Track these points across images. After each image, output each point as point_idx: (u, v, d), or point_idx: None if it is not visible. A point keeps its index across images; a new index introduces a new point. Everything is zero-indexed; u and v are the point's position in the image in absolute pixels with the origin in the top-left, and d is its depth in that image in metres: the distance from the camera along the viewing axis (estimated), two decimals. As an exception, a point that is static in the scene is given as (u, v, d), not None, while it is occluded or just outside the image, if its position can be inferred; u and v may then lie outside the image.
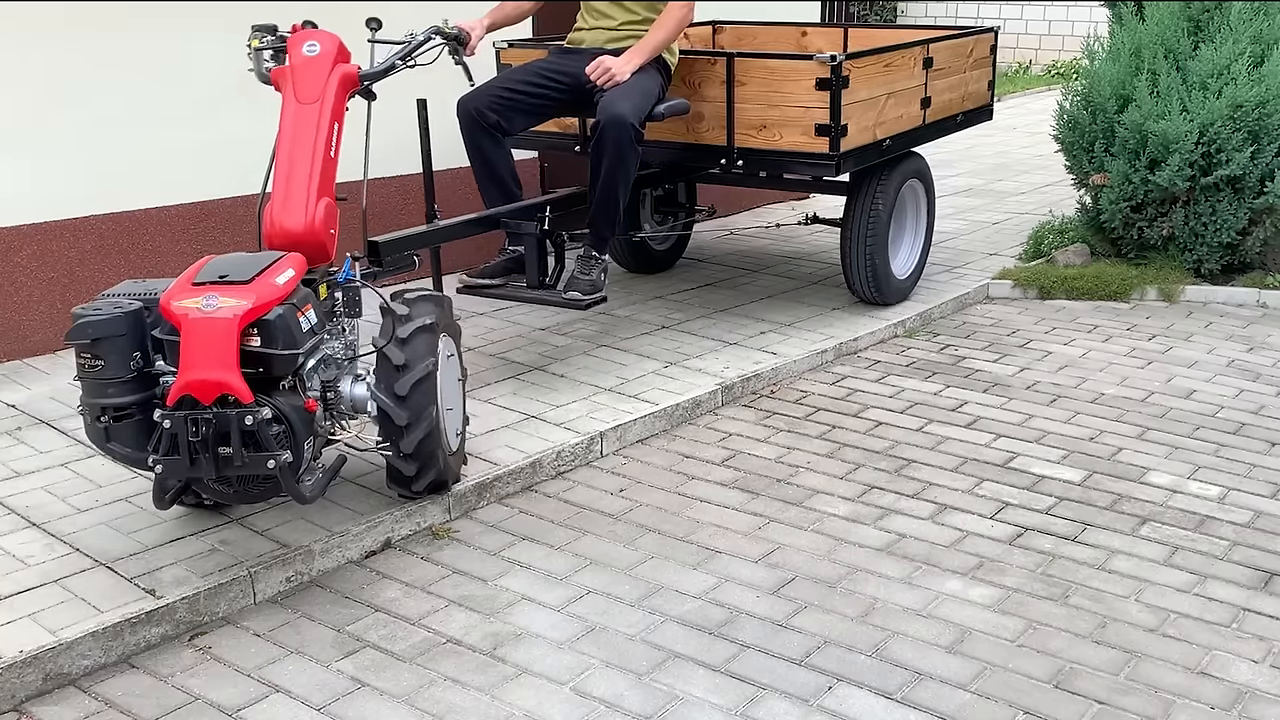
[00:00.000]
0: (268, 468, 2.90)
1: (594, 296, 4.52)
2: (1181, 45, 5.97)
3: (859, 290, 5.43)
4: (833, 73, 4.66)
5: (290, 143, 3.37)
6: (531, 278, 4.58)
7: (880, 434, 4.26)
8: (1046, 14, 14.28)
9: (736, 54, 4.87)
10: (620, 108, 4.33)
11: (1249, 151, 5.62)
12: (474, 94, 4.56)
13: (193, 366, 2.83)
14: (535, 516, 3.65)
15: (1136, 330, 5.42)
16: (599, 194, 4.47)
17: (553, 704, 2.75)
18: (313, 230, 3.27)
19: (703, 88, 4.92)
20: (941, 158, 9.24)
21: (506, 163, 4.66)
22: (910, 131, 5.34)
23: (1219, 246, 5.84)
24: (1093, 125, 6.11)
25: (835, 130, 4.71)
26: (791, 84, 4.74)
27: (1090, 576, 3.31)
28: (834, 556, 3.42)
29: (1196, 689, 2.81)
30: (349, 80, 3.47)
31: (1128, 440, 4.21)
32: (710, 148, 4.99)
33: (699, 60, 4.93)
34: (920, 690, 2.80)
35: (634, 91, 4.46)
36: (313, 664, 2.89)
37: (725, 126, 4.90)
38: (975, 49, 5.89)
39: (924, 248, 5.79)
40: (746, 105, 4.85)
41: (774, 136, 4.82)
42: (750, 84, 4.81)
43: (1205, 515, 3.66)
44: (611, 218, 4.54)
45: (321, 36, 3.48)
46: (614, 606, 3.16)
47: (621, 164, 4.39)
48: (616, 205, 4.50)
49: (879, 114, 5.03)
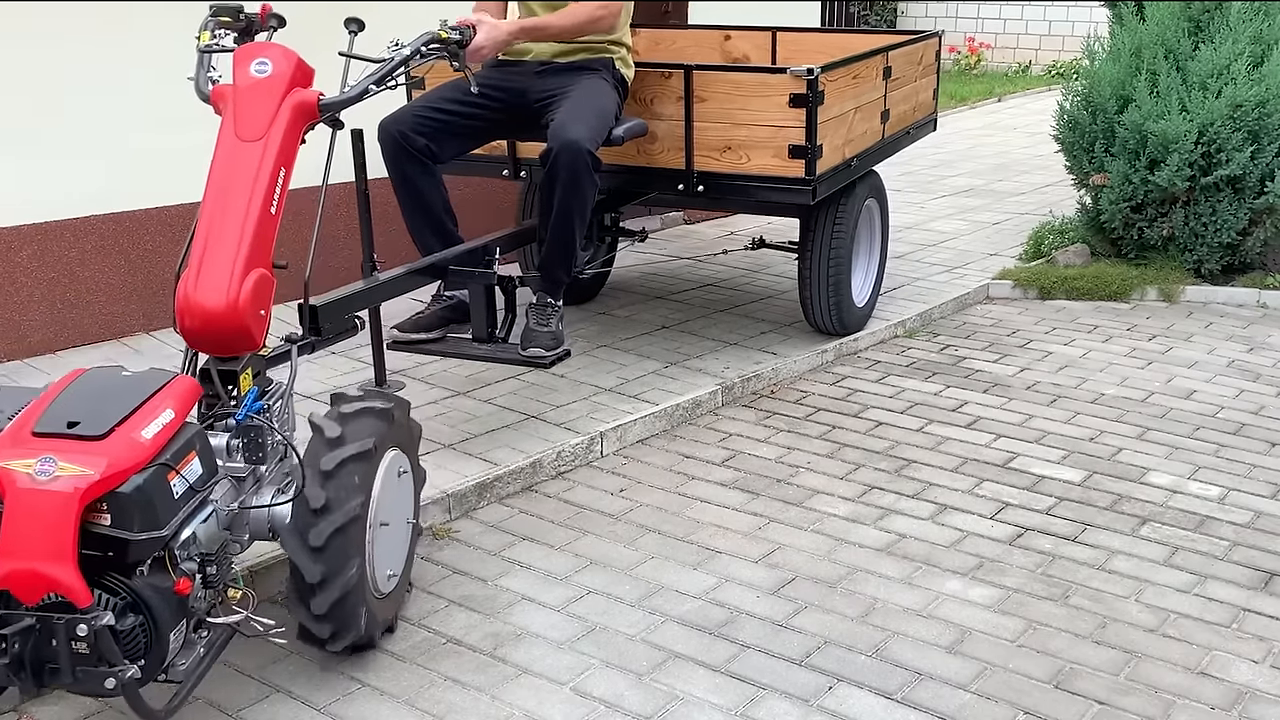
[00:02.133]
0: (105, 688, 2.24)
1: (558, 352, 3.97)
2: (1181, 45, 5.97)
3: (820, 322, 4.99)
4: (809, 88, 4.20)
5: (219, 193, 2.66)
6: (479, 330, 4.00)
7: (880, 434, 4.26)
8: (1046, 14, 14.27)
9: (695, 67, 4.38)
10: (574, 131, 3.79)
11: (1249, 151, 5.62)
12: (398, 116, 4.00)
13: (13, 553, 2.16)
14: (535, 516, 3.65)
15: (1136, 330, 5.42)
16: (553, 231, 3.93)
17: (553, 704, 2.75)
18: (235, 312, 2.58)
19: (656, 104, 4.42)
20: (941, 158, 9.25)
21: (439, 195, 4.07)
22: (873, 148, 4.96)
23: (1219, 246, 5.84)
24: (1093, 125, 6.11)
25: (812, 152, 4.25)
26: (760, 100, 4.27)
27: (1090, 577, 3.31)
28: (834, 556, 3.42)
29: (1196, 689, 2.81)
30: (304, 112, 2.78)
31: (1128, 440, 4.21)
32: (666, 172, 4.47)
33: (651, 74, 4.43)
34: (920, 690, 2.80)
35: (588, 111, 3.94)
36: (313, 664, 2.89)
37: (684, 148, 4.40)
38: (924, 55, 5.57)
39: (879, 271, 5.40)
40: (708, 124, 4.37)
41: (740, 159, 4.35)
42: (712, 100, 4.34)
43: (1205, 515, 3.66)
44: (568, 258, 3.99)
45: (275, 53, 2.79)
46: (614, 606, 3.16)
47: (578, 196, 3.84)
48: (572, 243, 3.96)
49: (848, 131, 4.63)
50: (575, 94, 4.00)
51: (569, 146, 3.77)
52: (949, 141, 9.98)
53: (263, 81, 2.75)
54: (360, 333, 3.47)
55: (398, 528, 2.93)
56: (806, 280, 4.88)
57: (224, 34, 3.02)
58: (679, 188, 4.48)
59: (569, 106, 3.93)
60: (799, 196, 4.34)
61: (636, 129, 4.32)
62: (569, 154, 3.77)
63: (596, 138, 3.89)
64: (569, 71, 4.15)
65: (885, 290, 5.75)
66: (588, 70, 4.16)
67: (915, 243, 6.69)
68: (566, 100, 3.97)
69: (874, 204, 5.21)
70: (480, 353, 3.99)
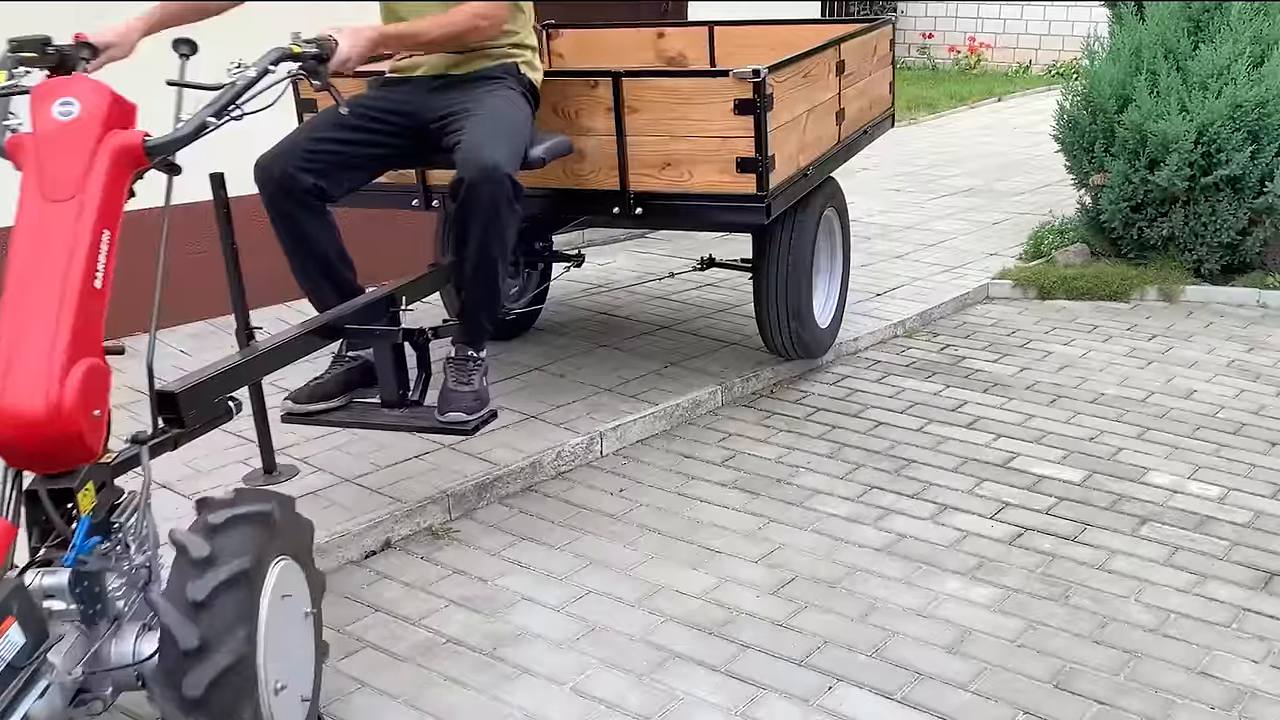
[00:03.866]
0: None
1: (482, 414, 3.41)
2: (1181, 45, 5.97)
3: (780, 347, 4.57)
4: (756, 92, 3.69)
5: (26, 269, 2.13)
6: (388, 393, 3.40)
7: (880, 434, 4.26)
8: (1046, 14, 14.27)
9: (625, 73, 3.85)
10: (488, 154, 3.24)
11: (1249, 151, 5.62)
12: (279, 151, 3.41)
13: None
14: (535, 516, 3.66)
15: (1136, 330, 5.42)
16: (472, 272, 3.37)
17: (553, 704, 2.75)
18: (61, 417, 2.06)
19: (582, 117, 3.89)
20: (941, 157, 9.25)
21: (332, 240, 3.51)
22: (829, 153, 4.50)
23: (1219, 246, 5.84)
24: (1093, 125, 6.11)
25: (763, 164, 3.76)
26: (701, 108, 3.77)
27: (1090, 576, 3.31)
28: (834, 556, 3.42)
29: (1196, 689, 2.81)
30: (127, 158, 2.25)
31: (1128, 440, 4.21)
32: (598, 194, 3.95)
33: (574, 83, 3.89)
34: (920, 690, 2.80)
35: (498, 129, 3.38)
36: (313, 664, 2.89)
37: (617, 166, 3.88)
38: (879, 46, 5.11)
39: (843, 287, 4.96)
40: (643, 138, 3.85)
41: (682, 176, 3.86)
42: (645, 110, 3.82)
43: (1205, 515, 3.66)
44: (491, 303, 3.46)
45: (82, 89, 2.25)
46: (614, 606, 3.16)
47: (497, 231, 3.30)
48: (495, 286, 3.42)
49: (801, 137, 4.14)
50: (481, 110, 3.45)
51: (482, 173, 3.22)
52: (949, 141, 9.98)
53: (69, 125, 2.21)
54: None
55: (297, 656, 2.41)
56: (763, 302, 4.44)
57: (26, 73, 2.48)
58: (614, 211, 3.95)
59: (476, 125, 3.38)
60: (751, 215, 3.88)
61: (559, 147, 3.79)
62: (483, 182, 3.22)
63: (513, 159, 3.36)
64: (468, 84, 3.59)
65: (885, 290, 5.75)
66: (490, 80, 3.60)
67: (915, 243, 6.69)
68: (471, 118, 3.42)
69: (833, 214, 4.78)
70: (391, 421, 3.42)
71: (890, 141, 9.81)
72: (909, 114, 11.21)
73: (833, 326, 4.84)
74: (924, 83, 13.13)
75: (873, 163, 8.93)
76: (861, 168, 8.64)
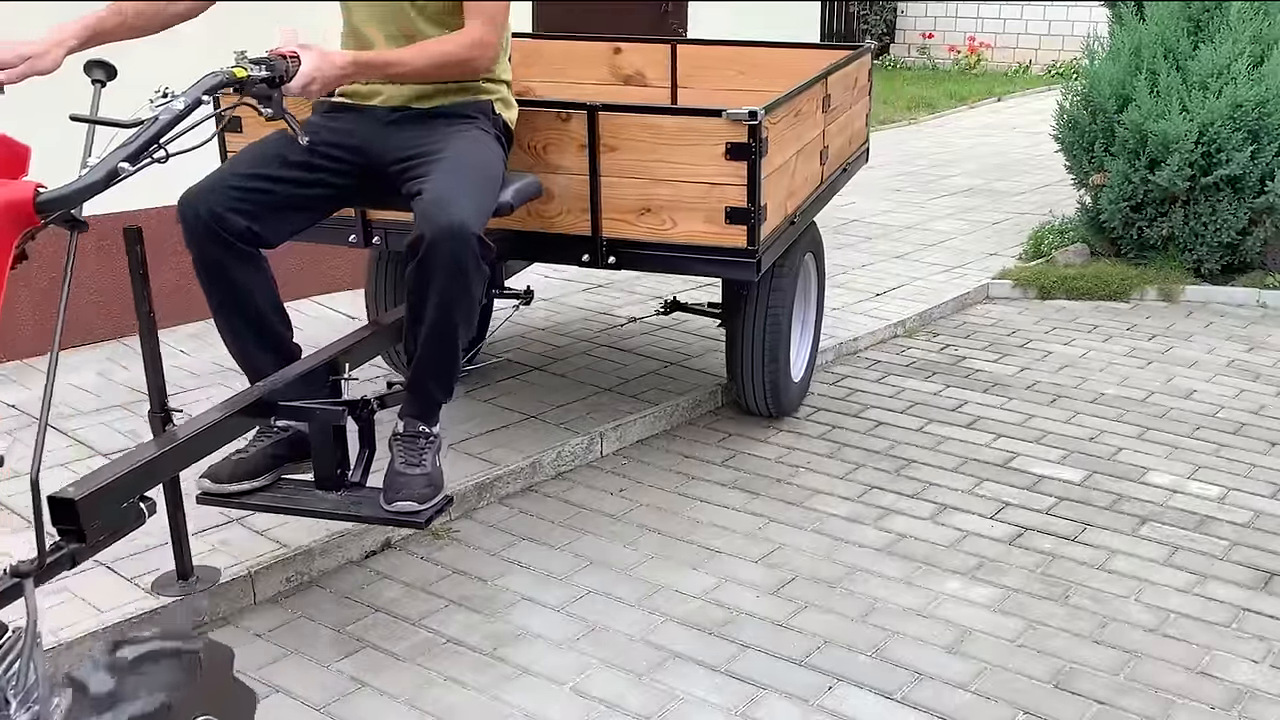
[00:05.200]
0: None
1: (435, 503, 2.89)
2: (1181, 45, 5.97)
3: (754, 404, 4.22)
4: (751, 136, 3.33)
5: None
6: (324, 473, 2.91)
7: (880, 434, 4.26)
8: (1046, 14, 14.27)
9: (602, 107, 3.45)
10: (455, 210, 2.75)
11: (1249, 151, 5.62)
12: (207, 188, 2.90)
13: None
14: (535, 516, 3.66)
15: (1136, 330, 5.42)
16: (427, 341, 2.87)
17: (553, 704, 2.75)
18: None
19: (550, 153, 3.49)
20: (942, 158, 9.25)
21: (267, 294, 3.01)
22: (814, 196, 4.14)
23: (1219, 246, 5.85)
24: (1093, 125, 6.11)
25: (755, 215, 3.39)
26: (688, 150, 3.39)
27: (1090, 576, 3.31)
28: (834, 556, 3.42)
29: (1196, 689, 2.81)
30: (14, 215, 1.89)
31: (1128, 440, 4.21)
32: (566, 239, 3.56)
33: (542, 114, 3.48)
34: (920, 690, 2.80)
35: (467, 179, 2.90)
36: (313, 664, 2.89)
37: (589, 209, 3.51)
38: (859, 77, 4.76)
39: (814, 338, 4.56)
40: (619, 180, 3.46)
41: (663, 224, 3.47)
42: (625, 150, 3.44)
43: (1205, 515, 3.66)
44: (448, 373, 2.95)
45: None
46: (614, 606, 3.16)
47: (461, 296, 2.80)
48: (453, 356, 2.91)
49: (791, 181, 3.80)
50: (447, 155, 2.97)
51: (448, 232, 2.72)
52: (949, 141, 9.98)
53: None
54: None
55: None
56: (738, 361, 4.08)
57: None
58: (584, 259, 3.57)
59: (441, 174, 2.89)
60: (739, 271, 3.50)
61: (529, 190, 3.39)
62: (449, 242, 2.73)
63: (482, 215, 2.88)
64: (434, 121, 3.08)
65: (885, 290, 5.76)
66: (460, 119, 3.11)
67: (915, 243, 6.69)
68: (437, 164, 2.93)
69: (811, 259, 4.41)
70: (327, 507, 2.90)
71: (890, 141, 9.83)
72: (909, 114, 11.22)
73: (804, 381, 4.48)
74: (924, 83, 13.13)
75: (873, 163, 8.92)
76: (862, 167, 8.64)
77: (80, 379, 4.39)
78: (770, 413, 4.26)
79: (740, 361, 4.07)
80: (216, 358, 4.54)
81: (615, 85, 5.03)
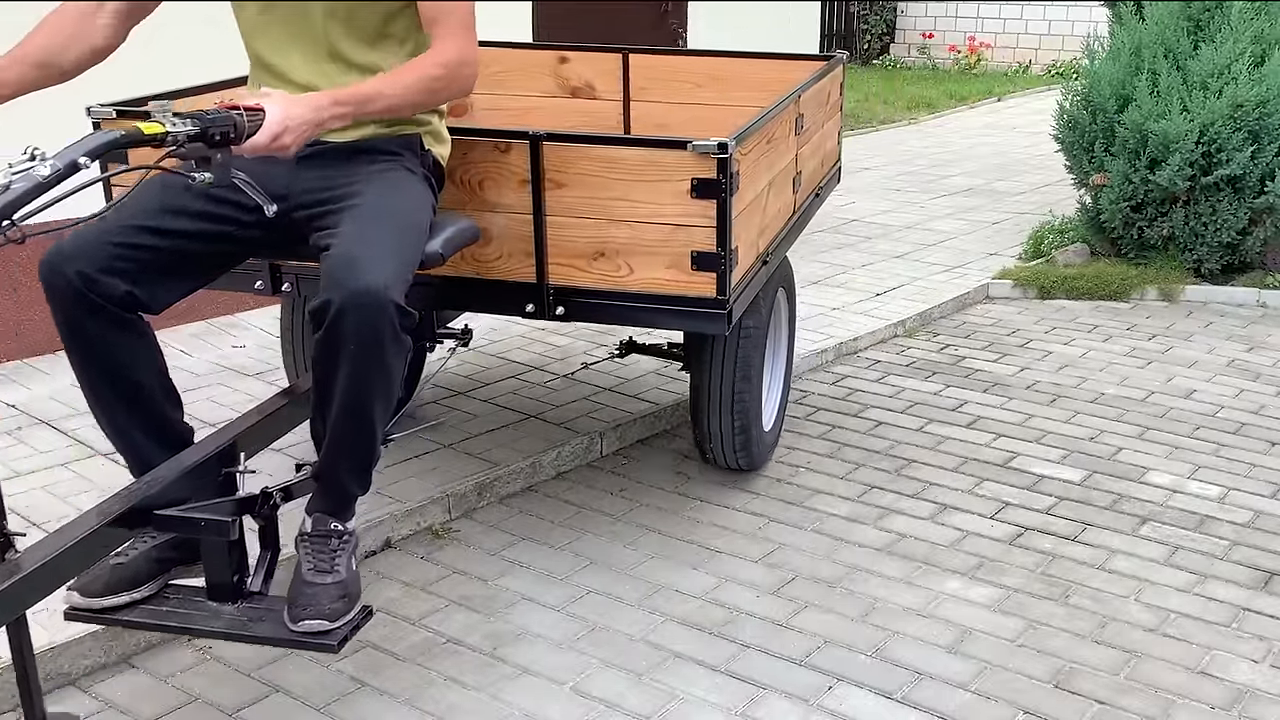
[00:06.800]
0: None
1: (350, 619, 2.44)
2: (1181, 45, 5.97)
3: (722, 459, 3.74)
4: (720, 171, 2.87)
5: None
6: (218, 582, 2.45)
7: (880, 434, 4.26)
8: (1046, 14, 14.28)
9: (547, 136, 2.97)
10: (368, 273, 2.31)
11: (1249, 151, 5.62)
12: (76, 247, 2.41)
13: None
14: (535, 516, 3.66)
15: (1136, 330, 5.43)
16: (338, 422, 2.43)
17: (553, 704, 2.75)
18: None
19: (487, 190, 3.04)
20: (942, 157, 9.25)
21: (151, 370, 2.53)
22: (786, 229, 3.69)
23: (1219, 246, 5.85)
24: (1093, 125, 6.11)
25: (724, 261, 2.94)
26: (647, 187, 2.93)
27: (1090, 576, 3.31)
28: (834, 556, 3.42)
29: (1196, 689, 2.81)
30: None
31: (1128, 440, 4.21)
32: (505, 286, 3.10)
33: (478, 144, 3.01)
34: (920, 690, 2.80)
35: (386, 233, 2.44)
36: (313, 664, 2.89)
37: (533, 253, 3.05)
38: (831, 92, 4.29)
39: (785, 380, 4.08)
40: (568, 220, 3.02)
41: (618, 270, 3.03)
42: (573, 185, 2.99)
43: (1205, 515, 3.66)
44: (363, 461, 2.52)
45: None
46: (614, 606, 3.16)
47: (376, 367, 2.37)
48: (370, 439, 2.48)
49: (763, 217, 3.36)
50: (363, 201, 2.51)
51: (360, 299, 2.29)
52: (949, 140, 9.98)
53: None
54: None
55: None
56: (703, 410, 3.60)
57: None
58: (528, 309, 3.11)
59: (354, 226, 2.44)
60: (708, 324, 3.04)
61: (463, 236, 2.90)
62: (360, 310, 2.29)
63: (402, 278, 2.41)
64: (351, 159, 2.63)
65: (885, 290, 5.75)
66: (382, 156, 2.66)
67: (915, 242, 6.69)
68: (350, 214, 2.48)
69: (783, 296, 3.96)
70: (219, 626, 2.43)
71: (890, 141, 9.84)
72: (909, 114, 11.22)
73: (775, 430, 3.99)
74: (924, 83, 13.14)
75: (873, 163, 8.93)
76: (862, 168, 8.65)
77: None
78: (739, 467, 3.80)
79: (706, 412, 3.60)
80: (217, 358, 4.54)
81: (562, 98, 4.57)
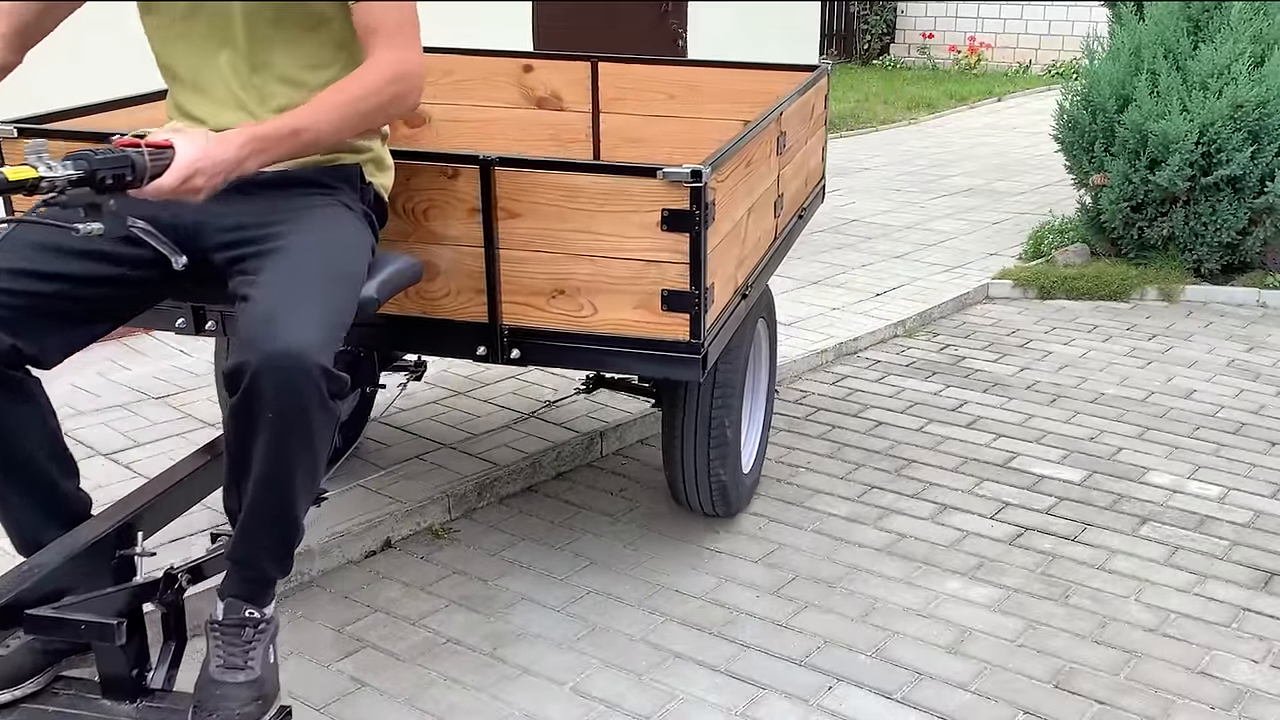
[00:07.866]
0: None
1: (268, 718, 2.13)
2: (1181, 45, 5.97)
3: (697, 504, 3.44)
4: (694, 201, 2.57)
5: None
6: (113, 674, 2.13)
7: (880, 434, 4.26)
8: (1046, 14, 14.29)
9: (499, 161, 2.66)
10: (289, 331, 2.01)
11: (1249, 151, 5.62)
12: None
13: None
14: (535, 516, 3.66)
15: (1136, 330, 5.42)
16: (255, 498, 2.11)
17: (553, 704, 2.75)
18: None
19: (433, 220, 2.74)
20: (942, 157, 9.25)
21: (41, 436, 2.24)
22: (767, 256, 3.39)
23: (1219, 246, 5.85)
24: (1093, 125, 6.11)
25: (700, 299, 2.64)
26: (613, 218, 2.63)
27: (1090, 576, 3.31)
28: (834, 556, 3.42)
29: (1196, 689, 2.81)
30: None
31: (1128, 440, 4.21)
32: (453, 326, 2.80)
33: (424, 170, 2.71)
34: (920, 690, 2.80)
35: (311, 278, 2.13)
36: (313, 664, 2.89)
37: (484, 290, 2.76)
38: (815, 105, 3.99)
39: (765, 417, 3.79)
40: (524, 254, 2.71)
41: (579, 310, 2.72)
42: (529, 215, 2.68)
43: (1205, 515, 3.66)
44: (283, 540, 2.19)
45: None
46: (614, 607, 3.16)
47: (299, 441, 2.06)
48: (290, 517, 2.16)
49: (741, 248, 3.05)
50: (290, 245, 2.19)
51: (279, 361, 1.98)
52: (948, 140, 9.98)
53: None
54: None
55: None
56: (676, 451, 3.28)
57: None
58: (479, 352, 2.81)
59: (277, 275, 2.12)
60: (679, 369, 2.71)
61: (403, 276, 2.57)
62: (280, 375, 1.99)
63: (332, 335, 2.10)
64: (279, 192, 2.31)
65: (884, 290, 5.75)
66: (315, 190, 2.35)
67: (915, 242, 6.69)
68: (274, 259, 2.17)
69: (763, 326, 3.65)
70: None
71: (890, 141, 9.84)
72: (909, 114, 11.22)
73: (755, 471, 3.71)
74: (924, 83, 13.14)
75: (873, 163, 8.93)
76: (862, 168, 8.65)
77: (80, 379, 4.39)
78: (716, 513, 3.51)
79: (680, 455, 3.27)
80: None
81: (526, 109, 4.28)
